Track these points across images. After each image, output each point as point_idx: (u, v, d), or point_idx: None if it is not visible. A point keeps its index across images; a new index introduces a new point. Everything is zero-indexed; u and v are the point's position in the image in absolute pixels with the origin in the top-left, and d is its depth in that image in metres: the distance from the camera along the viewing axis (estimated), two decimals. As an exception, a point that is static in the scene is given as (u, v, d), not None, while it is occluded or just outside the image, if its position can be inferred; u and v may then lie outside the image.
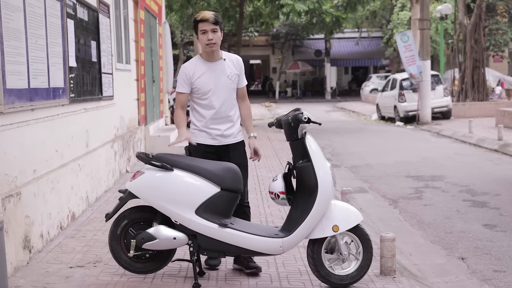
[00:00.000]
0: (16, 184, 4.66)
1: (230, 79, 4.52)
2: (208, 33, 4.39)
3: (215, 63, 4.50)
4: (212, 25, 4.40)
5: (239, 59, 4.65)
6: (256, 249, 4.14)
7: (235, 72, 4.55)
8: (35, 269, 4.61)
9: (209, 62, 4.49)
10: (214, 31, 4.41)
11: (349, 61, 43.96)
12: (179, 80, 4.50)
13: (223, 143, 4.53)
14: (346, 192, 6.49)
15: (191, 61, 4.55)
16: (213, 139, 4.51)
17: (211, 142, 4.50)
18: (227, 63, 4.54)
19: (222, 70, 4.50)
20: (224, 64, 4.52)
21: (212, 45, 4.40)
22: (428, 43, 19.78)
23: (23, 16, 4.81)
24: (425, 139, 15.24)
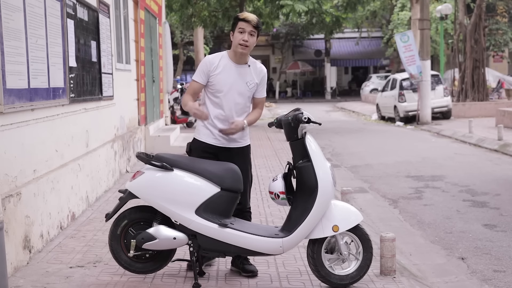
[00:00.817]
0: (16, 184, 4.66)
1: (248, 87, 4.44)
2: (246, 34, 4.32)
3: (239, 66, 4.42)
4: (252, 28, 4.33)
5: (263, 69, 4.58)
6: (256, 249, 4.14)
7: (255, 81, 4.47)
8: (35, 269, 4.61)
9: (234, 63, 4.41)
10: (251, 34, 4.35)
11: (349, 61, 43.97)
12: (199, 69, 4.42)
13: (225, 145, 4.44)
14: (346, 192, 6.49)
15: (216, 55, 4.48)
16: (215, 139, 4.42)
17: (213, 142, 4.42)
18: (250, 70, 4.47)
19: (243, 75, 4.42)
20: (247, 70, 4.45)
21: (244, 47, 4.33)
22: (428, 43, 19.79)
23: (23, 16, 4.81)
24: (425, 139, 15.24)
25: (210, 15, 19.56)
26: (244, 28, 4.32)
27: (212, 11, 19.52)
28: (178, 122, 17.01)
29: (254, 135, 15.36)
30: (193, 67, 33.36)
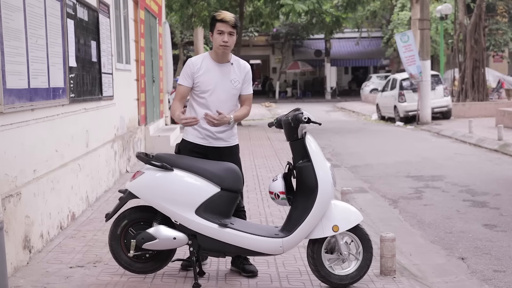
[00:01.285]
0: (16, 184, 4.66)
1: (233, 85, 4.45)
2: (225, 35, 4.34)
3: (222, 65, 4.45)
4: (230, 28, 4.35)
5: (246, 66, 4.58)
6: (256, 249, 4.14)
7: (239, 79, 4.48)
8: (35, 269, 4.61)
9: (217, 62, 4.44)
10: (230, 34, 4.36)
11: (349, 61, 43.98)
12: (183, 72, 4.45)
13: (213, 145, 4.43)
14: (346, 192, 6.49)
15: (198, 57, 4.51)
16: (202, 139, 4.43)
17: (200, 142, 4.43)
18: (233, 68, 4.48)
19: (227, 73, 4.45)
20: (230, 69, 4.47)
21: (226, 47, 4.36)
22: (428, 43, 19.79)
23: (23, 16, 4.81)
24: (425, 139, 15.24)
25: (210, 15, 19.54)
26: (223, 30, 4.34)
27: (212, 11, 19.50)
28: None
29: (254, 135, 15.36)
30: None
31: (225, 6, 19.06)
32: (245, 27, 24.24)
